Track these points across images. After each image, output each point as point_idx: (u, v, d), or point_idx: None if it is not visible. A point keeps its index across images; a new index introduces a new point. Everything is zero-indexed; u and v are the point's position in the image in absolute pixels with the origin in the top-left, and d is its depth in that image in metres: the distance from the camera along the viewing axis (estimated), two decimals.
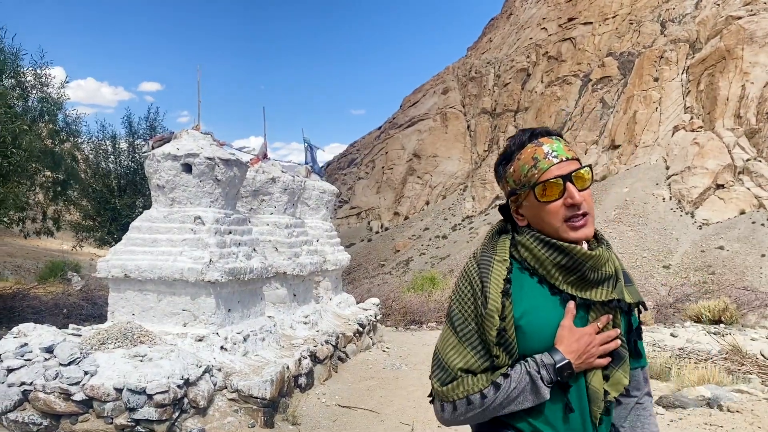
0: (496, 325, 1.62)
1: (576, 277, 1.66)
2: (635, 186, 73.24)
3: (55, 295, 13.63)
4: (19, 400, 5.82)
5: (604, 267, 1.68)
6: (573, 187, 1.64)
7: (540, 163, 1.66)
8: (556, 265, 1.66)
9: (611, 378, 1.68)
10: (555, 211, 1.66)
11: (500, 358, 1.64)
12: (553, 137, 1.73)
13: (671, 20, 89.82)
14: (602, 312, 1.67)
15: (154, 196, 7.53)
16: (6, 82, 11.26)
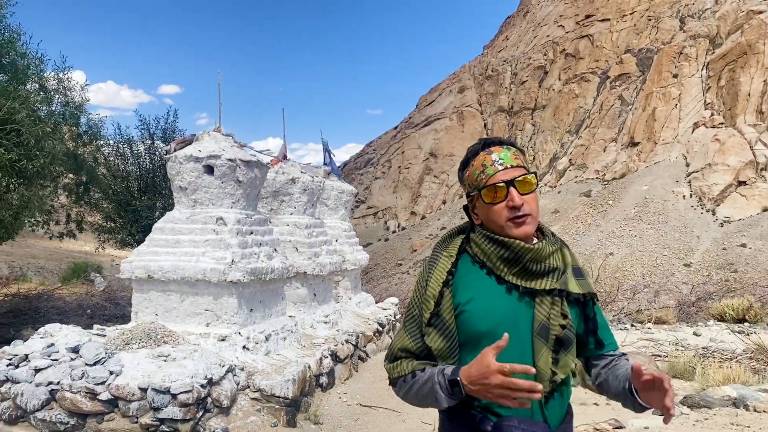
0: (430, 309, 1.88)
1: (519, 269, 1.87)
2: (655, 184, 72.40)
3: (79, 296, 13.80)
4: (47, 399, 5.91)
5: (548, 260, 1.88)
6: (515, 191, 1.86)
7: (488, 169, 1.90)
8: (500, 257, 1.88)
9: (560, 361, 1.85)
10: (499, 211, 1.88)
11: (432, 338, 1.86)
12: (504, 146, 1.95)
13: (690, 16, 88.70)
14: (547, 300, 1.86)
15: (177, 197, 7.60)
16: (30, 86, 11.42)
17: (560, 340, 1.85)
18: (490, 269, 1.91)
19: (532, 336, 1.85)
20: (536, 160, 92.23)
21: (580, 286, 1.93)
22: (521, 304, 1.87)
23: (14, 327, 11.08)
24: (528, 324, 1.86)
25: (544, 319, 1.85)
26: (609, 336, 2.03)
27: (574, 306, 1.93)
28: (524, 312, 1.86)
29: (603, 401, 7.61)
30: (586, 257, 60.63)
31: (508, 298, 1.87)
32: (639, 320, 12.90)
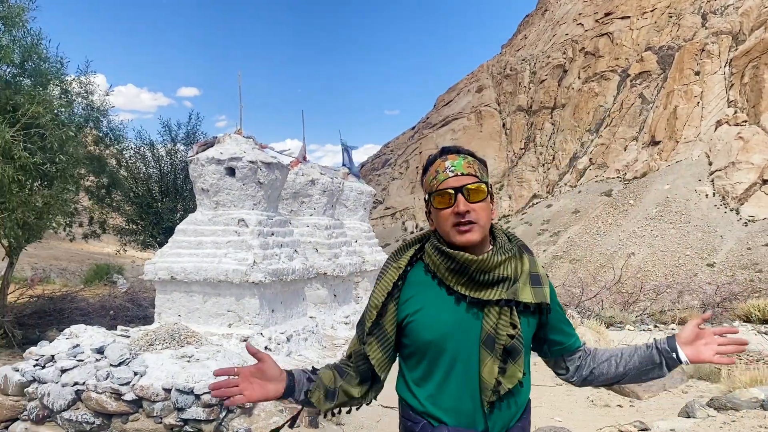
0: (372, 319, 1.94)
1: (466, 279, 1.88)
2: (677, 183, 71.57)
3: (102, 297, 13.97)
4: (73, 399, 5.98)
5: (496, 270, 1.88)
6: (461, 198, 1.87)
7: (439, 175, 1.93)
8: (447, 268, 1.90)
9: (507, 371, 1.86)
10: (446, 217, 1.89)
11: (371, 348, 1.94)
12: (460, 155, 1.96)
13: (713, 12, 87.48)
14: (495, 310, 1.87)
15: (199, 199, 7.66)
16: (52, 90, 11.57)
17: (508, 350, 1.86)
18: (440, 279, 1.93)
19: (479, 346, 1.87)
20: (556, 159, 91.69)
21: (534, 294, 1.92)
22: (469, 315, 1.88)
23: (39, 328, 11.24)
24: (476, 334, 1.87)
25: (491, 329, 1.86)
26: (572, 335, 2.07)
27: (529, 314, 1.93)
28: (472, 322, 1.88)
29: (627, 403, 7.53)
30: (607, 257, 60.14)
31: (457, 309, 1.89)
32: (662, 321, 12.74)
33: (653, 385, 7.76)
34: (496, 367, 1.85)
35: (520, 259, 1.96)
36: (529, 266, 1.97)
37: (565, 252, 66.32)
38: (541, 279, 1.97)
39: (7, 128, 8.61)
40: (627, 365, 2.02)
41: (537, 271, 1.98)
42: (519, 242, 2.04)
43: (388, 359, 1.98)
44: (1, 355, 10.01)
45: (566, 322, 2.07)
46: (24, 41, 10.71)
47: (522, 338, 1.87)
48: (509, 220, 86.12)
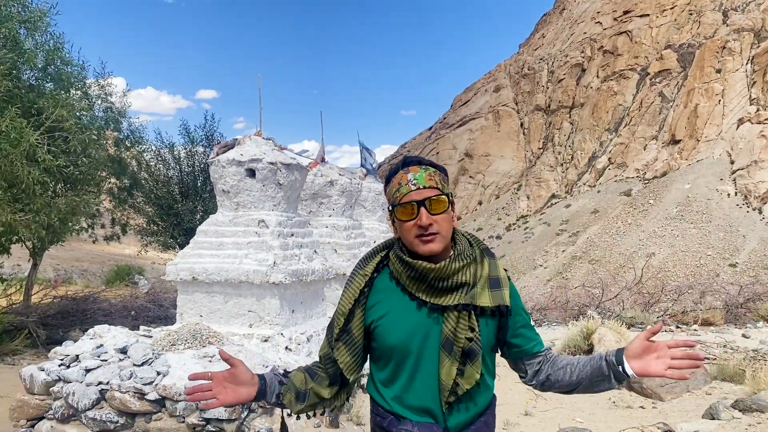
0: (340, 325, 2.03)
1: (426, 286, 1.97)
2: (698, 182, 70.72)
3: (123, 298, 14.13)
4: (97, 398, 6.05)
5: (454, 277, 1.96)
6: (424, 211, 1.94)
7: (402, 188, 1.99)
8: (408, 276, 1.99)
9: (465, 373, 1.94)
10: (409, 228, 1.96)
11: (339, 352, 2.03)
12: (422, 167, 2.03)
13: (734, 9, 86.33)
14: (453, 315, 1.95)
15: (220, 200, 7.72)
16: (73, 93, 11.72)
17: (466, 353, 1.93)
18: (404, 286, 2.01)
19: (438, 349, 1.96)
20: (574, 159, 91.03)
21: (492, 298, 1.99)
22: (430, 320, 1.97)
23: (62, 328, 11.40)
24: (437, 338, 1.96)
25: (449, 333, 1.94)
26: (533, 338, 2.12)
27: (488, 317, 2.00)
28: (433, 327, 1.96)
29: (649, 404, 7.46)
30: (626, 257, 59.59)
31: (418, 314, 1.98)
32: (684, 322, 12.60)
33: (676, 387, 7.68)
34: (454, 368, 1.93)
35: (480, 264, 2.04)
36: (489, 270, 2.04)
37: (584, 252, 65.82)
38: (500, 282, 2.04)
39: (32, 131, 8.74)
40: (580, 374, 2.04)
41: (497, 274, 2.05)
42: (482, 246, 2.12)
43: (356, 362, 2.06)
44: (26, 355, 10.17)
45: (528, 326, 2.12)
46: (46, 45, 10.88)
47: (480, 341, 1.95)
48: (527, 221, 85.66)
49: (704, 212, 65.67)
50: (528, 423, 6.97)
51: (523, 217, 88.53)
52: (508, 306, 2.01)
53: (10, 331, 10.49)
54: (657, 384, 7.66)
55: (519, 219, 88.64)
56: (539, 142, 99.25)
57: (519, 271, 66.08)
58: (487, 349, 2.01)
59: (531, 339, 2.11)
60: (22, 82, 10.33)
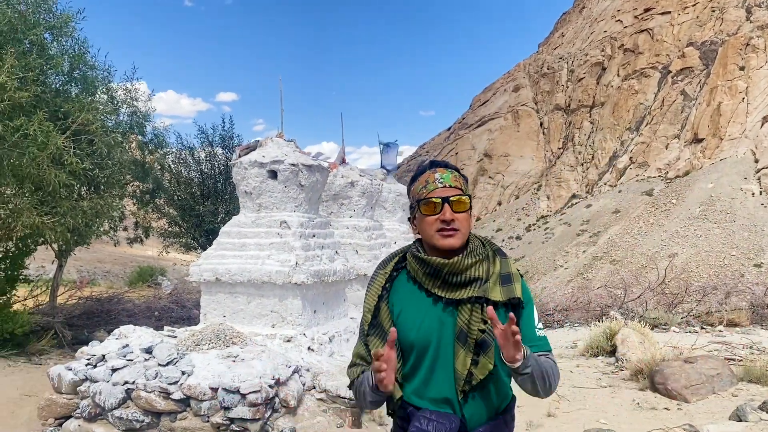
0: (368, 321, 2.19)
1: (441, 281, 2.10)
2: (721, 181, 69.70)
3: (147, 298, 14.29)
4: (123, 398, 6.14)
5: (467, 272, 2.09)
6: (447, 207, 2.08)
7: (429, 185, 2.13)
8: (424, 273, 2.13)
9: (479, 363, 2.04)
10: (431, 222, 2.10)
11: (373, 343, 2.15)
12: (448, 169, 2.18)
13: (758, 5, 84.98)
14: (467, 308, 2.06)
15: (242, 202, 7.79)
16: (99, 97, 11.88)
17: (479, 344, 2.05)
18: (420, 284, 2.15)
19: (453, 341, 2.07)
20: (595, 158, 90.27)
21: (503, 292, 2.09)
22: (446, 314, 2.09)
23: (88, 328, 11.56)
24: (452, 330, 2.08)
25: (463, 325, 2.06)
26: (532, 340, 2.15)
27: (503, 311, 2.06)
28: (449, 320, 2.09)
29: (674, 406, 7.38)
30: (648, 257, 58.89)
31: (435, 309, 2.11)
32: (709, 322, 12.44)
33: (701, 388, 7.59)
34: (468, 359, 2.05)
35: (492, 262, 2.16)
36: (500, 267, 2.16)
37: (606, 253, 65.19)
38: (512, 277, 2.14)
39: (59, 135, 8.88)
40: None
41: (509, 270, 2.16)
42: (494, 247, 2.24)
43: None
44: (52, 355, 10.33)
45: (531, 326, 2.17)
46: (72, 50, 11.04)
47: (492, 333, 2.01)
48: (548, 221, 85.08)
49: (728, 212, 64.71)
50: (552, 424, 6.93)
51: (543, 218, 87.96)
52: (519, 298, 2.11)
53: (37, 332, 10.66)
54: (682, 386, 7.58)
55: (539, 219, 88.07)
56: (559, 142, 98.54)
57: (539, 271, 65.70)
58: (496, 342, 2.05)
59: (530, 339, 2.14)
60: (49, 87, 10.50)
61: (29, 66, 8.89)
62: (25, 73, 8.69)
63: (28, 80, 8.84)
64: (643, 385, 8.05)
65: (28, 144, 8.56)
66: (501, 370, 2.11)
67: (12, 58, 8.47)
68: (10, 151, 8.55)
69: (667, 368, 7.86)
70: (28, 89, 8.60)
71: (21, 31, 9.64)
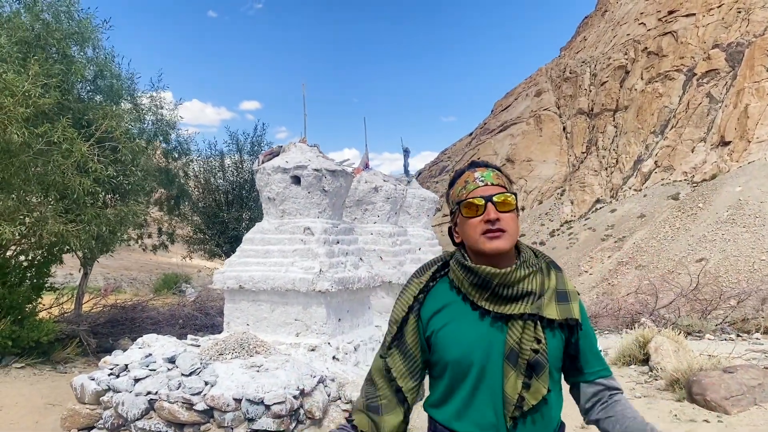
0: (392, 333, 1.97)
1: (489, 294, 1.88)
2: (750, 184, 68.36)
3: (171, 306, 14.28)
4: (146, 408, 6.03)
5: (519, 284, 1.87)
6: (491, 206, 1.88)
7: (469, 185, 1.95)
8: (471, 283, 1.90)
9: (531, 387, 1.83)
10: (475, 225, 1.89)
11: (393, 359, 1.95)
12: (489, 168, 1.99)
13: None
14: (519, 325, 1.85)
15: (266, 208, 7.68)
16: (123, 105, 11.92)
17: (531, 365, 1.84)
18: (464, 295, 1.93)
19: (503, 361, 1.86)
20: (619, 162, 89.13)
21: (559, 311, 1.90)
22: (494, 330, 1.88)
23: (112, 336, 11.56)
24: (501, 349, 1.87)
25: (514, 344, 1.85)
26: (595, 363, 2.00)
27: (558, 330, 1.90)
28: (497, 337, 1.87)
29: (714, 418, 7.08)
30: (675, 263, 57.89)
31: (481, 324, 1.89)
32: (745, 330, 12.04)
33: (742, 399, 7.28)
34: (519, 382, 1.84)
35: (547, 276, 1.95)
36: (556, 283, 1.95)
37: (631, 258, 64.24)
38: (569, 295, 1.94)
39: (83, 142, 8.88)
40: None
41: (565, 288, 1.96)
42: (547, 259, 2.03)
43: (411, 372, 1.97)
44: (77, 363, 10.32)
45: (593, 350, 2.00)
46: (96, 58, 11.09)
47: (547, 353, 1.85)
48: (571, 226, 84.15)
49: (757, 215, 63.39)
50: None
51: (567, 223, 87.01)
52: (577, 320, 1.91)
53: (62, 340, 10.66)
54: (722, 397, 7.28)
55: (563, 224, 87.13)
56: (582, 146, 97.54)
57: None
58: (553, 365, 1.90)
59: (591, 364, 1.99)
60: (73, 95, 10.54)
61: (52, 73, 8.91)
62: (48, 80, 8.71)
63: (52, 87, 8.85)
64: (680, 395, 7.75)
65: (53, 151, 8.56)
66: (553, 394, 1.92)
67: (36, 66, 8.49)
68: (35, 158, 8.55)
69: (706, 378, 7.56)
70: (51, 96, 8.61)
71: (45, 39, 9.69)
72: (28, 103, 8.12)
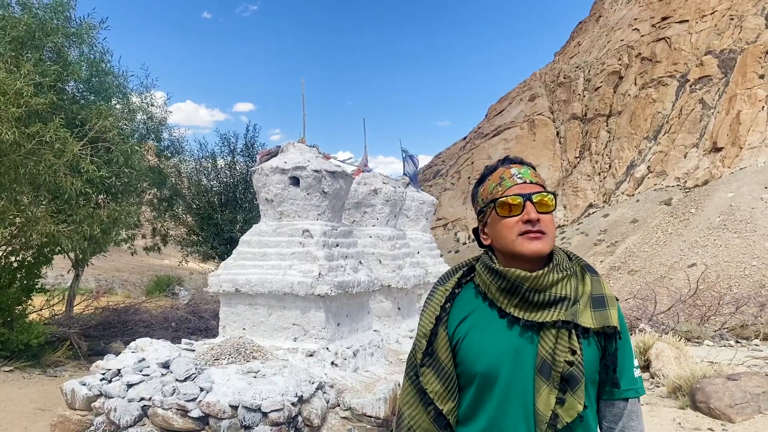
0: (422, 348, 1.80)
1: (519, 300, 1.73)
2: (741, 190, 68.69)
3: (164, 309, 14.07)
4: (139, 415, 5.85)
5: (552, 289, 1.72)
6: (531, 206, 1.74)
7: (505, 181, 1.79)
8: (498, 288, 1.75)
9: (566, 402, 1.67)
10: (511, 225, 1.74)
11: (427, 379, 1.77)
12: (524, 165, 1.85)
13: None
14: (552, 334, 1.69)
15: (263, 210, 7.51)
16: (115, 104, 11.73)
17: (566, 379, 1.67)
18: (491, 301, 1.79)
19: (534, 374, 1.70)
20: (612, 168, 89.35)
21: (596, 318, 1.72)
22: (523, 339, 1.72)
23: (104, 339, 11.34)
24: (531, 361, 1.71)
25: (547, 355, 1.69)
26: (629, 381, 1.79)
27: (593, 340, 1.73)
28: (527, 348, 1.72)
29: (719, 426, 6.97)
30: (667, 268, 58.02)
31: (509, 333, 1.74)
32: (744, 336, 11.96)
33: (747, 407, 7.17)
34: (553, 397, 1.68)
35: (581, 280, 1.80)
36: (592, 287, 1.79)
37: (623, 263, 64.39)
38: (606, 301, 1.77)
39: (76, 142, 8.69)
40: None
41: (602, 292, 1.79)
42: (582, 262, 1.88)
43: (448, 390, 1.79)
44: (68, 366, 10.11)
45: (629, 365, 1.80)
46: (90, 57, 10.90)
47: (583, 365, 1.68)
48: (564, 231, 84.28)
49: (748, 221, 63.71)
50: None
51: (559, 227, 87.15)
52: (616, 327, 1.72)
53: (53, 342, 10.45)
54: (726, 404, 7.16)
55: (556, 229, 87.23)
56: (576, 151, 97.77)
57: None
58: (590, 379, 1.72)
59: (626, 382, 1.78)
60: (66, 94, 10.35)
61: (46, 72, 8.73)
62: (42, 79, 8.52)
63: (45, 86, 8.67)
64: (683, 403, 7.63)
65: (45, 151, 8.38)
66: (590, 411, 1.74)
67: (29, 64, 8.30)
68: (26, 158, 8.36)
69: (709, 386, 7.45)
70: (44, 96, 8.42)
71: (39, 37, 9.50)
72: (20, 103, 7.93)
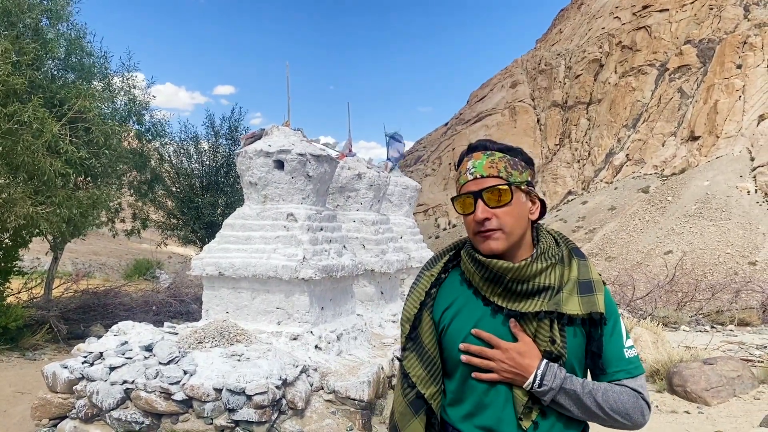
0: (405, 333, 1.83)
1: (502, 289, 1.72)
2: (717, 179, 69.72)
3: (144, 292, 13.95)
4: (122, 398, 5.82)
5: (536, 279, 1.70)
6: (480, 204, 1.70)
7: (461, 178, 1.77)
8: (482, 278, 1.74)
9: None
10: (469, 223, 1.74)
11: (409, 362, 1.81)
12: (486, 152, 1.75)
13: (755, 3, 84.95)
14: (533, 324, 1.69)
15: (247, 193, 7.46)
16: (96, 84, 11.53)
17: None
18: (476, 289, 1.78)
19: None
20: (591, 155, 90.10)
21: (583, 304, 1.70)
22: (506, 328, 1.72)
23: (84, 323, 11.23)
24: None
25: None
26: (618, 362, 1.75)
27: (578, 326, 1.72)
28: (509, 336, 1.71)
29: (694, 409, 7.12)
30: (644, 255, 58.84)
31: (493, 321, 1.73)
32: (719, 321, 12.20)
33: (722, 391, 7.34)
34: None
35: (568, 266, 1.77)
36: (578, 272, 1.76)
37: (601, 249, 65.18)
38: (594, 286, 1.74)
39: (54, 122, 8.54)
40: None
41: (589, 277, 1.76)
42: (570, 245, 1.84)
43: (431, 376, 1.80)
44: (47, 350, 10.01)
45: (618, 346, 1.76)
46: (68, 35, 10.68)
47: (565, 354, 1.69)
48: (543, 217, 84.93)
49: (723, 209, 64.77)
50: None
51: None
52: (601, 313, 1.71)
53: (31, 326, 10.33)
54: (702, 388, 7.32)
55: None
56: (556, 138, 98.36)
57: None
58: (576, 365, 1.74)
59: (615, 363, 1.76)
60: (44, 73, 10.15)
61: (24, 51, 8.54)
62: (20, 58, 8.34)
63: (23, 65, 8.49)
64: (661, 386, 7.79)
65: (23, 132, 8.22)
66: None
67: (6, 42, 8.12)
68: (3, 138, 8.20)
69: (686, 370, 7.61)
70: (22, 74, 8.25)
71: (15, 14, 9.27)
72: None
